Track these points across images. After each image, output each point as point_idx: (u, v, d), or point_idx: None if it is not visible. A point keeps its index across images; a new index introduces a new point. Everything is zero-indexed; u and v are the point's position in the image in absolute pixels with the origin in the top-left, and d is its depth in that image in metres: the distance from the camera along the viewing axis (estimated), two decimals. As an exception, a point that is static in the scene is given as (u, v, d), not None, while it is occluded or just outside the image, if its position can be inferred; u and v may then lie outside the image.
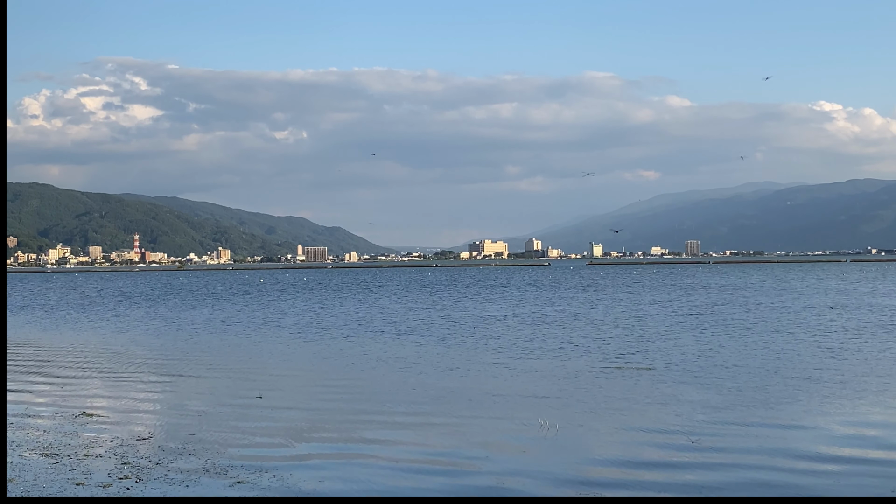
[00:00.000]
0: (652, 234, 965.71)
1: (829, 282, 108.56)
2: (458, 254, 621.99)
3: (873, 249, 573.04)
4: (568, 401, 22.95)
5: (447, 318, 54.39)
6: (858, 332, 39.76)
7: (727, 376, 26.63)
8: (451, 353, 34.27)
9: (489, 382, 26.56)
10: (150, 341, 43.29)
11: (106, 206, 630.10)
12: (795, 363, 29.55)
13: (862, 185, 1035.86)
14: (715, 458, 16.39)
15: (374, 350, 36.28)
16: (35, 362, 33.46)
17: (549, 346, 36.51)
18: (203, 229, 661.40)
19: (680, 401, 22.52)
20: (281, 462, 16.37)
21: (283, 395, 24.93)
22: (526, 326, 47.02)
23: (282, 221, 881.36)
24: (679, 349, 34.23)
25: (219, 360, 33.67)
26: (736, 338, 38.37)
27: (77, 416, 21.46)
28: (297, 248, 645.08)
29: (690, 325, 45.53)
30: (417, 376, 28.18)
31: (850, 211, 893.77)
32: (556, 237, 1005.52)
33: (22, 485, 14.71)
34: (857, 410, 21.16)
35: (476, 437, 18.60)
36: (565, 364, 30.37)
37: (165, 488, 14.60)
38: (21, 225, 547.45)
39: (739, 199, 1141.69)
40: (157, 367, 32.03)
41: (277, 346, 39.30)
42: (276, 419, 20.85)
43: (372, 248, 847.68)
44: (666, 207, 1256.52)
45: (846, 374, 26.89)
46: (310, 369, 31.39)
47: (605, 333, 41.73)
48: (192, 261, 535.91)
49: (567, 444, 17.84)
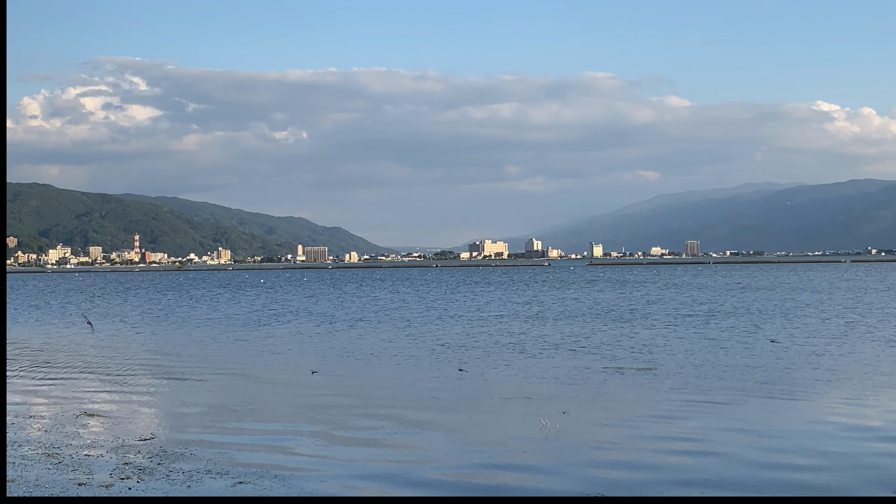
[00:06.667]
0: (652, 234, 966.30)
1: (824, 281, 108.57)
2: (458, 254, 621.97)
3: (873, 250, 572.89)
4: (568, 401, 22.95)
5: (447, 317, 54.38)
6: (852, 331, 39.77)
7: (728, 376, 26.63)
8: (452, 353, 34.24)
9: (489, 382, 26.55)
10: (152, 340, 43.29)
11: (106, 207, 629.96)
12: (795, 363, 29.57)
13: (862, 186, 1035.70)
14: (715, 458, 16.41)
15: (379, 348, 36.27)
16: (35, 362, 33.47)
17: (549, 345, 36.52)
18: (203, 229, 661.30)
19: (680, 401, 22.52)
20: (282, 462, 16.37)
21: (284, 394, 24.93)
22: (526, 326, 47.00)
23: (282, 221, 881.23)
24: (679, 349, 34.22)
25: (220, 360, 33.67)
26: (736, 338, 38.36)
27: (78, 415, 21.47)
28: (298, 249, 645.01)
29: (691, 325, 45.52)
30: (418, 376, 28.18)
31: (850, 211, 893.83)
32: (556, 237, 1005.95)
33: (24, 485, 14.71)
34: (856, 410, 21.18)
35: (477, 437, 18.62)
36: (566, 364, 30.38)
37: (167, 488, 14.61)
38: (21, 225, 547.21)
39: (739, 200, 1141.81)
40: (159, 366, 32.00)
41: (278, 345, 39.28)
42: (278, 419, 20.87)
43: (372, 248, 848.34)
44: (666, 208, 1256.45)
45: (847, 374, 26.91)
46: (312, 366, 31.35)
47: (604, 333, 41.73)
48: (192, 261, 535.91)
49: (568, 444, 17.84)
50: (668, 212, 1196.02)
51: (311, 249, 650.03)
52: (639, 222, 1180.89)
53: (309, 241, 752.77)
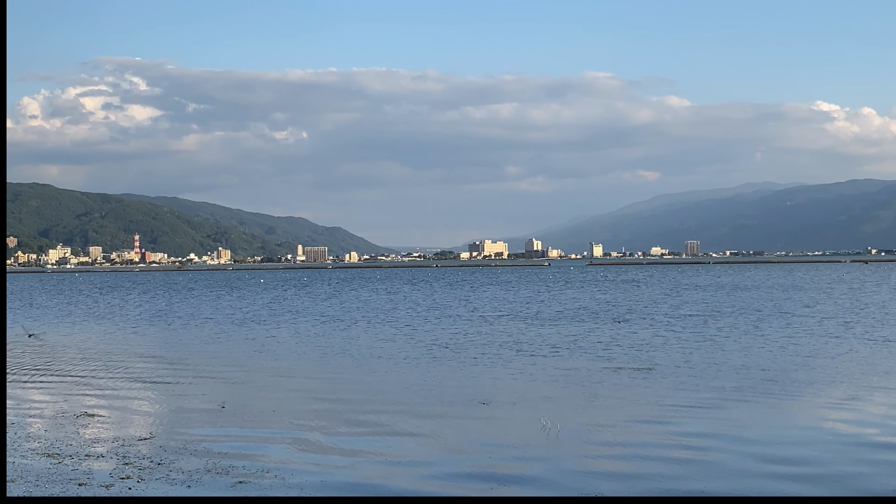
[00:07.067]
0: (652, 234, 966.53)
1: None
2: (458, 254, 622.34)
3: (873, 250, 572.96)
4: (569, 401, 22.96)
5: (445, 317, 54.40)
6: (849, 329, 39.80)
7: (726, 376, 26.63)
8: (452, 353, 34.26)
9: (489, 382, 26.57)
10: (151, 340, 43.30)
11: (106, 206, 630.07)
12: (796, 362, 29.57)
13: (862, 186, 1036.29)
14: (715, 458, 16.40)
15: (379, 348, 36.27)
16: (36, 362, 33.47)
17: (548, 345, 36.52)
18: (203, 229, 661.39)
19: (680, 401, 22.53)
20: (283, 462, 16.38)
21: (287, 393, 24.94)
22: (524, 326, 47.01)
23: (282, 221, 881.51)
24: (679, 349, 34.22)
25: (220, 360, 33.69)
26: (736, 338, 38.36)
27: (78, 416, 21.48)
28: (298, 249, 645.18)
29: (690, 325, 45.52)
30: (419, 377, 28.19)
31: (850, 211, 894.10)
32: (556, 237, 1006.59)
33: (24, 485, 14.71)
34: (855, 410, 21.19)
35: (477, 437, 18.61)
36: (565, 364, 30.38)
37: (167, 488, 14.61)
38: (21, 225, 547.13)
39: (739, 200, 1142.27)
40: (158, 366, 32.00)
41: (278, 345, 39.30)
42: (278, 418, 20.88)
43: (372, 248, 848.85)
44: (666, 207, 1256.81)
45: (846, 372, 26.92)
46: (311, 366, 31.37)
47: (603, 333, 41.73)
48: (192, 261, 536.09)
49: (568, 444, 17.84)
50: (668, 212, 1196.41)
51: (311, 249, 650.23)
52: (639, 222, 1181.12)
53: (309, 241, 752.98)
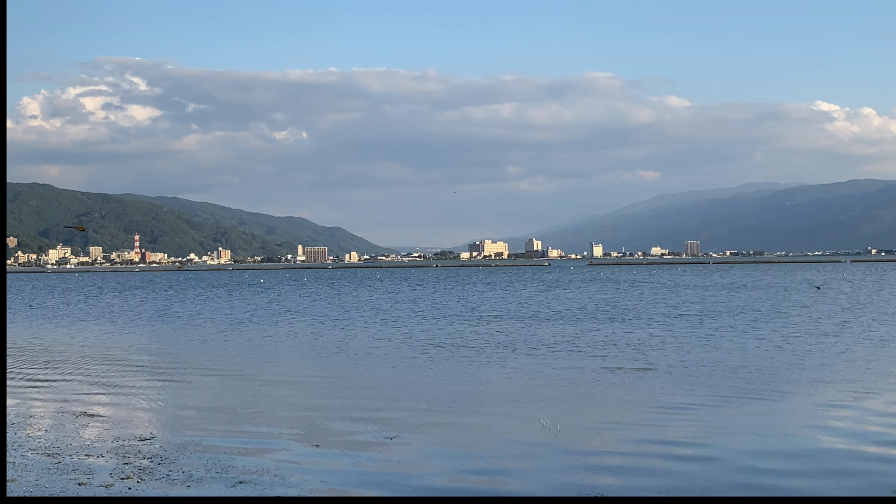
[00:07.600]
0: (652, 234, 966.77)
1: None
2: (458, 254, 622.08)
3: (873, 250, 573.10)
4: (568, 401, 22.97)
5: (443, 317, 54.41)
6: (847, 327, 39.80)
7: (725, 376, 26.64)
8: (451, 353, 34.27)
9: (488, 382, 26.57)
10: (151, 340, 43.30)
11: (106, 207, 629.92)
12: (796, 362, 29.58)
13: (862, 186, 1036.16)
14: (714, 458, 16.42)
15: (379, 348, 36.27)
16: (36, 362, 33.48)
17: (546, 345, 36.53)
18: (203, 229, 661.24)
19: (680, 401, 22.54)
20: (283, 462, 16.39)
21: (286, 393, 24.95)
22: (523, 325, 47.01)
23: (282, 222, 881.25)
24: (678, 349, 34.24)
25: (220, 360, 33.69)
26: (735, 338, 38.37)
27: (78, 415, 21.49)
28: (298, 249, 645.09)
29: (689, 325, 45.53)
30: (419, 376, 28.20)
31: (850, 211, 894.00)
32: (556, 237, 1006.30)
33: (24, 485, 14.73)
34: (854, 410, 21.20)
35: (477, 437, 18.63)
36: (565, 364, 30.39)
37: (167, 488, 14.62)
38: (21, 225, 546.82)
39: (739, 200, 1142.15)
40: (158, 366, 32.01)
41: (278, 345, 39.30)
42: (279, 418, 20.88)
43: (372, 248, 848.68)
44: (666, 208, 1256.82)
45: (843, 372, 26.93)
46: (310, 366, 31.38)
47: (602, 333, 41.74)
48: (192, 261, 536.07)
49: (569, 444, 17.85)
50: (668, 212, 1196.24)
51: (311, 249, 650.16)
52: (639, 222, 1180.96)
53: (309, 241, 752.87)
